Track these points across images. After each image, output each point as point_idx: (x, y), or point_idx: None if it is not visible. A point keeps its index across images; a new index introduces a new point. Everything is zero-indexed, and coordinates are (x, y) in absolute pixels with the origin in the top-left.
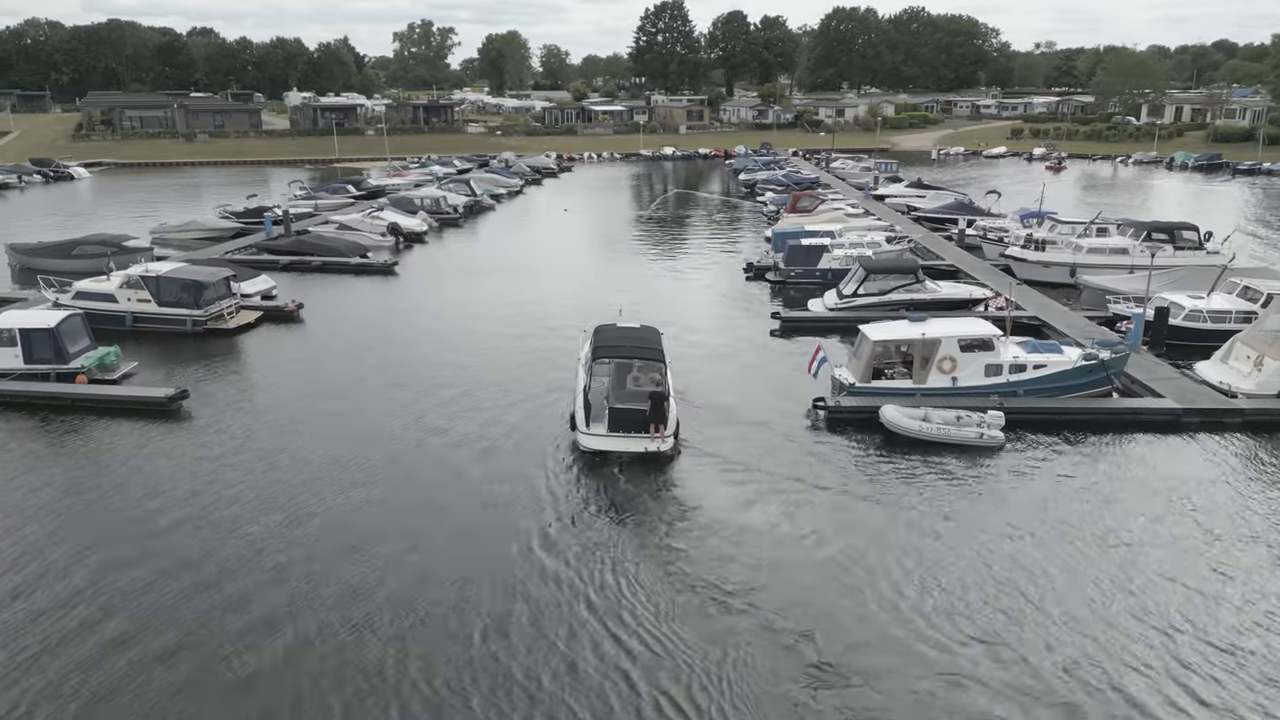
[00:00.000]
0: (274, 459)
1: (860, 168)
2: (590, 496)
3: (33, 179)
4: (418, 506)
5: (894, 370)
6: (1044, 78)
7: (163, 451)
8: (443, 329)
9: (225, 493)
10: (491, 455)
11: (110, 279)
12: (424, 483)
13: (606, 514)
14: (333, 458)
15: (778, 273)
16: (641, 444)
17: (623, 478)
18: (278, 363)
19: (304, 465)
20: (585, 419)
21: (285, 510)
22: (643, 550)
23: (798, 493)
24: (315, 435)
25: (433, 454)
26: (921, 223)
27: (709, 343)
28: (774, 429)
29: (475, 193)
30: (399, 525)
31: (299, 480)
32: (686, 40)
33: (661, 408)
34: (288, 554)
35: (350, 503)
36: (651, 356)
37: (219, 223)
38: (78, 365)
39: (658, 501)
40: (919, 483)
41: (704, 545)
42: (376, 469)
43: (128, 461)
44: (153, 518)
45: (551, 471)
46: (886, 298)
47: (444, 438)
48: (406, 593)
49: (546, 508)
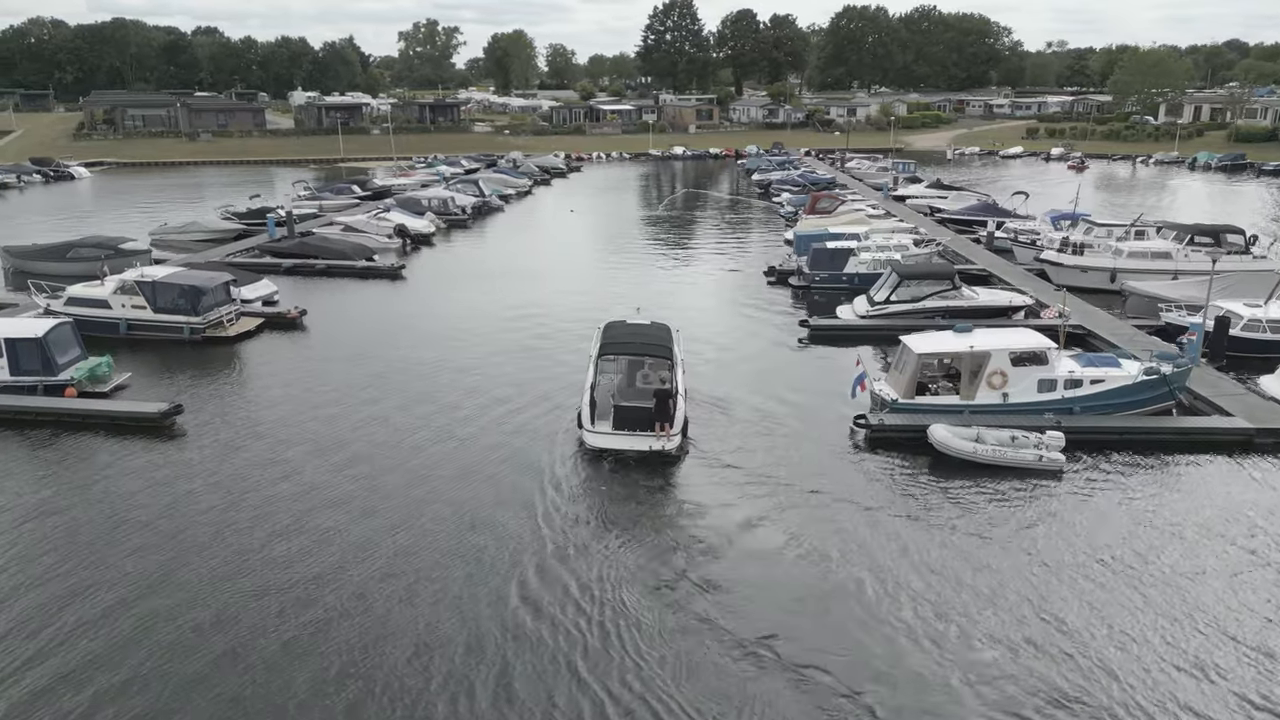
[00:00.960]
0: (272, 485)
1: (877, 168)
2: (607, 518)
3: (32, 179)
4: (424, 532)
5: (938, 385)
6: (1056, 77)
7: (148, 473)
8: (452, 336)
9: (212, 521)
10: (505, 481)
11: (104, 284)
12: (431, 506)
13: (627, 537)
14: (336, 483)
15: (802, 277)
16: (647, 443)
17: (641, 491)
18: (279, 374)
19: (305, 491)
20: (590, 416)
21: (284, 543)
22: (663, 587)
23: (843, 519)
24: (317, 456)
25: (442, 475)
26: (945, 225)
27: (735, 351)
28: (811, 447)
29: (484, 193)
30: (406, 559)
31: (298, 511)
32: (695, 39)
33: (667, 406)
34: (284, 595)
35: (357, 537)
36: (659, 354)
37: (220, 224)
38: (67, 377)
39: (680, 518)
40: (970, 509)
41: (731, 576)
42: (383, 495)
43: (109, 483)
44: (121, 544)
45: (560, 496)
46: (921, 305)
47: (454, 457)
48: (397, 650)
49: (550, 533)
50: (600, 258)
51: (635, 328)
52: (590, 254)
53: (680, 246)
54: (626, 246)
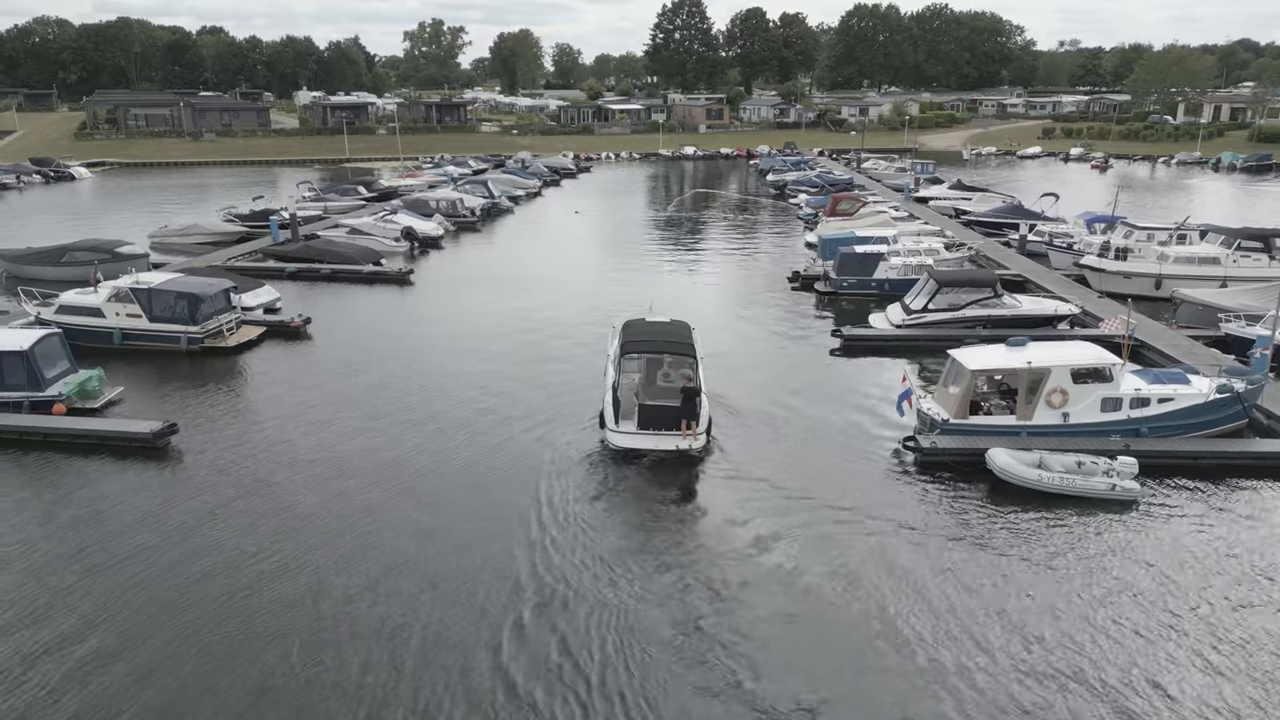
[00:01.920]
0: (270, 516)
1: (895, 168)
2: (627, 545)
3: (32, 179)
4: (434, 571)
5: (990, 403)
6: (1069, 76)
7: (135, 501)
8: (464, 346)
9: (202, 557)
10: (517, 514)
11: (97, 291)
12: (441, 536)
13: (651, 565)
14: (340, 512)
15: (829, 283)
16: (672, 442)
17: (669, 509)
18: (281, 388)
19: (307, 523)
20: (614, 416)
21: (281, 583)
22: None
23: (892, 553)
24: (321, 481)
25: (455, 503)
26: (972, 227)
27: (763, 361)
28: (852, 468)
29: (493, 195)
30: (416, 601)
31: (300, 547)
32: (704, 37)
33: (693, 403)
34: (277, 647)
35: (362, 576)
36: (682, 351)
37: (222, 226)
38: (54, 393)
39: (709, 544)
40: (1035, 544)
41: (766, 619)
42: (391, 526)
43: (93, 513)
44: (99, 586)
45: (578, 517)
46: (960, 313)
47: (468, 481)
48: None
49: (563, 567)
50: (615, 261)
51: (655, 325)
52: (604, 257)
53: (697, 249)
54: (641, 249)
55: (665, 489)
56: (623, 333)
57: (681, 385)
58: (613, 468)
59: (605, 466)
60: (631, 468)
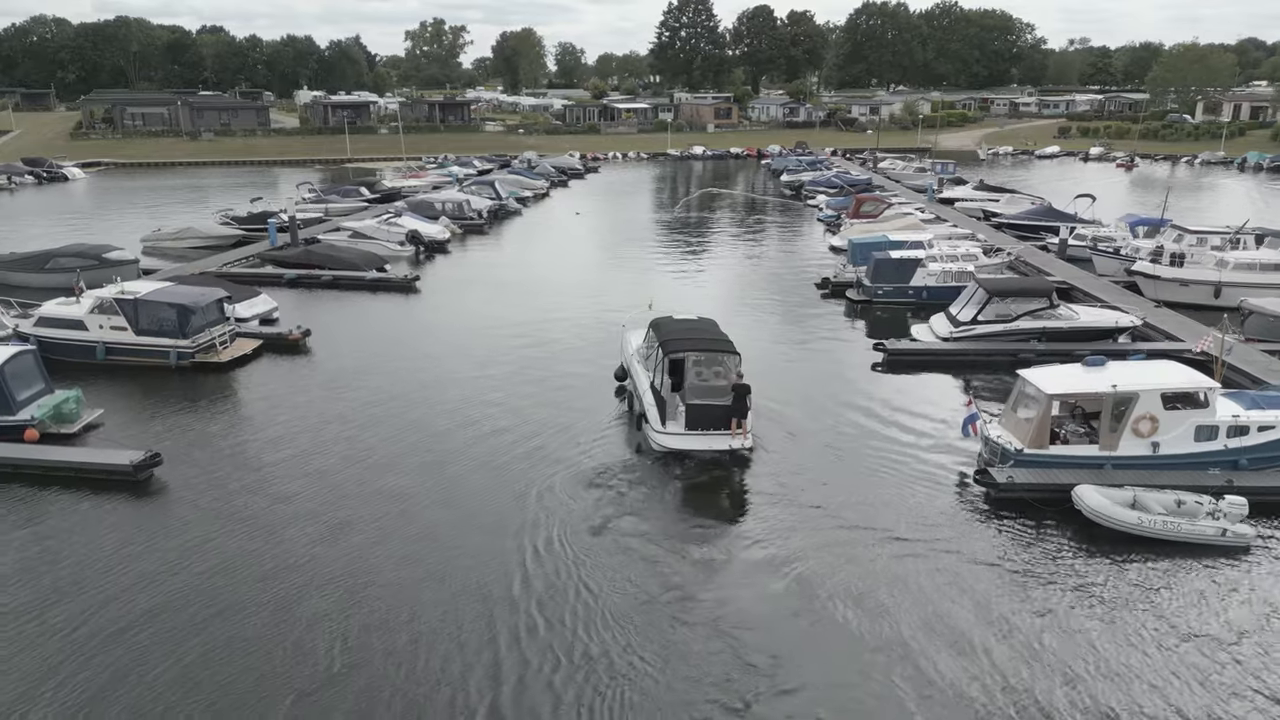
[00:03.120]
0: (261, 561)
1: (914, 168)
2: (679, 595)
3: (24, 180)
4: (449, 626)
5: (1066, 430)
6: (1079, 75)
7: (109, 546)
8: (474, 360)
9: (178, 612)
10: (548, 552)
11: (80, 301)
12: (451, 582)
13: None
14: (340, 558)
15: (862, 290)
16: (723, 441)
17: (712, 535)
18: (277, 410)
19: (310, 580)
20: (660, 417)
21: (265, 650)
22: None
23: (959, 612)
24: (317, 521)
25: (466, 543)
26: (1002, 230)
27: (799, 376)
28: (918, 502)
29: (500, 196)
30: (426, 660)
31: (290, 591)
32: (711, 35)
33: (744, 401)
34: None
35: (378, 644)
36: (727, 349)
37: (218, 229)
38: (26, 417)
39: (761, 582)
40: (1146, 597)
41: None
42: (393, 574)
43: (58, 558)
44: (53, 652)
45: (617, 547)
46: (1013, 325)
47: (481, 514)
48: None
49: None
50: (628, 265)
51: (688, 323)
52: (617, 261)
53: (714, 252)
54: (656, 252)
55: (706, 521)
56: (656, 331)
57: (732, 383)
58: (647, 485)
59: (637, 485)
60: (668, 487)
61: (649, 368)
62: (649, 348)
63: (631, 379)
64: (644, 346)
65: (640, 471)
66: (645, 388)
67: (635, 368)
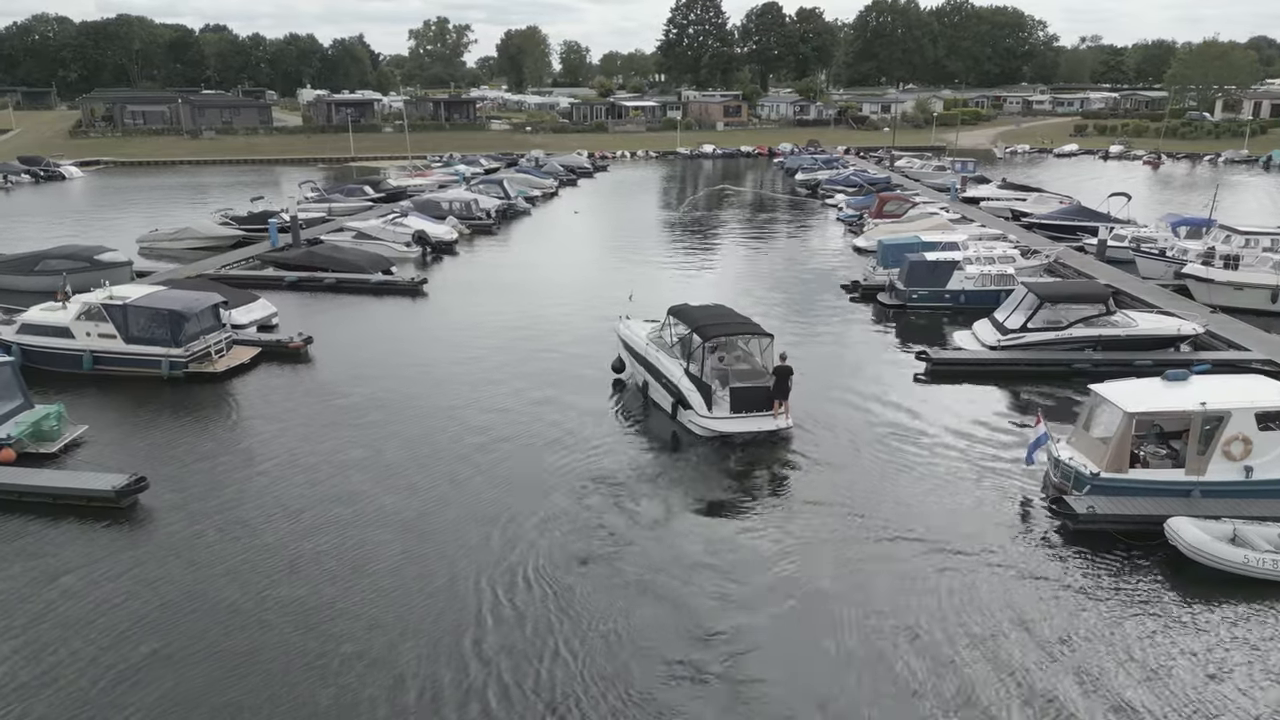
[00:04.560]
0: (255, 603)
1: (933, 166)
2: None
3: (20, 179)
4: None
5: (1146, 451)
6: (1090, 73)
7: (86, 585)
8: (485, 368)
9: (163, 662)
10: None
11: (66, 306)
12: (471, 628)
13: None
14: (345, 597)
15: (894, 294)
16: (767, 423)
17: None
18: (276, 426)
19: (305, 626)
20: (706, 402)
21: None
22: None
23: (1036, 662)
24: (320, 556)
25: (509, 580)
26: (1033, 230)
27: (836, 389)
28: (983, 531)
29: (509, 195)
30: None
31: (288, 641)
32: (719, 33)
33: (786, 382)
34: None
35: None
36: (760, 331)
37: (217, 229)
38: (3, 435)
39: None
40: (1261, 647)
41: None
42: (401, 620)
43: (26, 592)
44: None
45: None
46: (1066, 333)
47: (500, 542)
48: None
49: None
50: (644, 266)
51: (709, 309)
52: (632, 263)
53: (732, 253)
54: (672, 252)
55: (750, 545)
56: (682, 319)
57: (775, 365)
58: (690, 486)
59: (674, 491)
60: (710, 484)
61: (678, 355)
62: (675, 335)
63: (645, 370)
64: (662, 335)
65: (684, 466)
66: (679, 374)
67: (657, 357)
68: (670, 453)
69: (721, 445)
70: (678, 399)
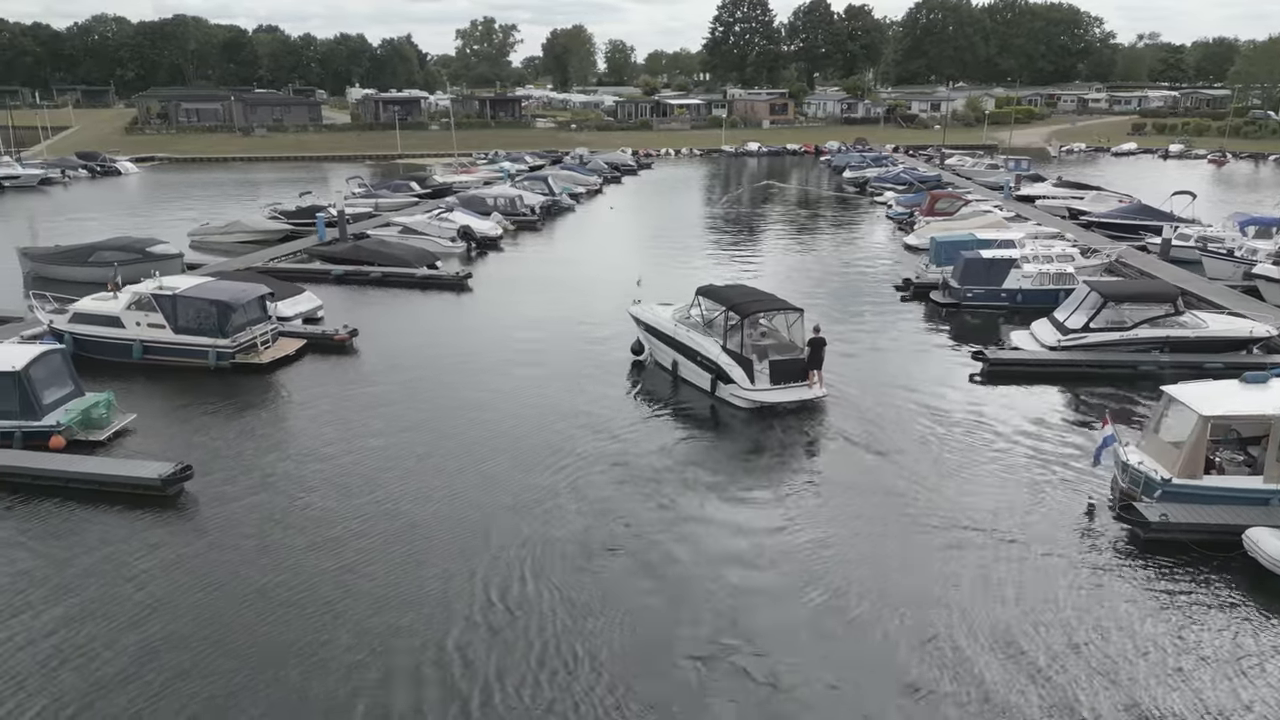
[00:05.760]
0: (294, 595)
1: (985, 165)
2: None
3: (78, 174)
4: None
5: (1222, 457)
6: (1148, 71)
7: (126, 568)
8: (530, 361)
9: (200, 655)
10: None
11: (117, 297)
12: (524, 616)
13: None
14: (392, 591)
15: (949, 293)
16: (804, 392)
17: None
18: (321, 418)
19: (347, 618)
20: (748, 374)
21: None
22: None
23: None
24: (367, 551)
25: (531, 576)
26: (1092, 229)
27: (889, 390)
28: (1053, 537)
29: (554, 192)
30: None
31: (334, 667)
32: (766, 31)
33: (820, 354)
34: None
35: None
36: (790, 306)
37: (266, 224)
38: (52, 422)
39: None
40: None
41: None
42: (449, 613)
43: (66, 583)
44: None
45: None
46: (1131, 334)
47: (544, 540)
48: None
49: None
50: (688, 262)
51: (737, 288)
52: (676, 259)
53: (780, 250)
54: (717, 249)
55: (812, 539)
56: (714, 298)
57: (810, 337)
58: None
59: (728, 480)
60: (764, 474)
61: (712, 333)
62: (706, 314)
63: (674, 349)
64: (692, 314)
65: (730, 450)
66: (717, 351)
67: (690, 336)
68: (712, 430)
69: (761, 414)
70: (717, 374)
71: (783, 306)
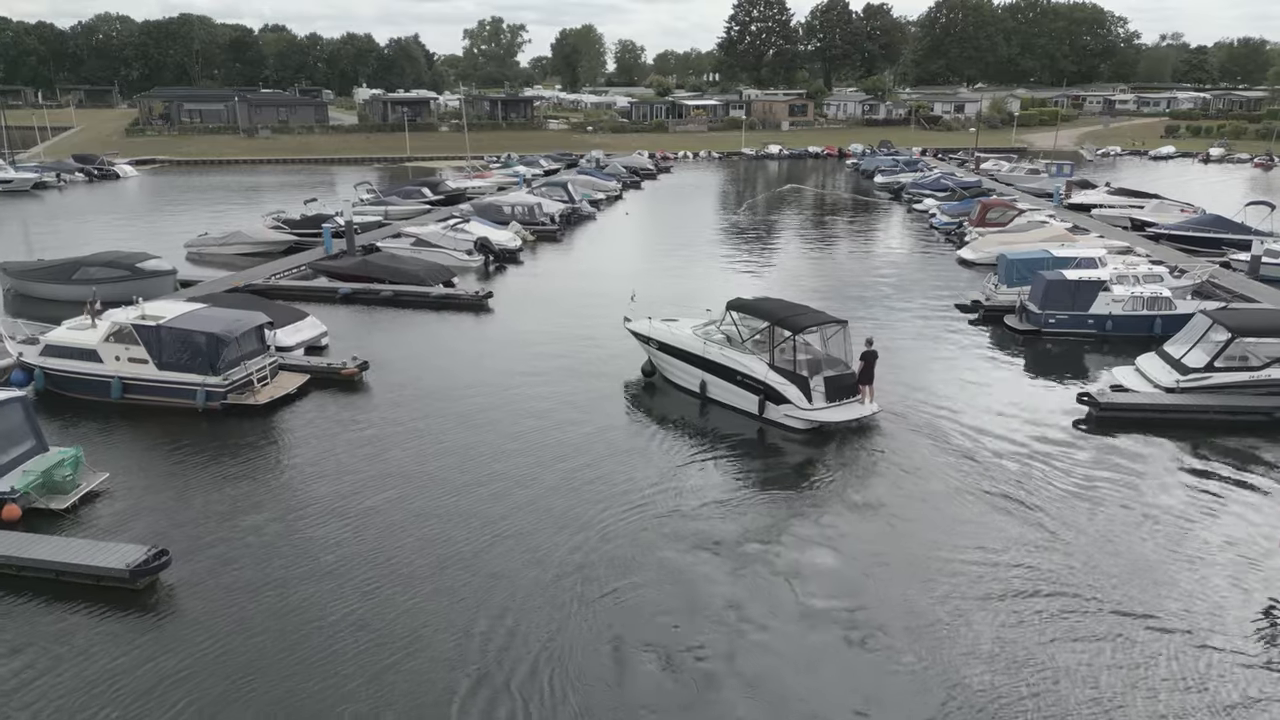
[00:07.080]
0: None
1: (1025, 169)
2: None
3: (74, 177)
4: None
5: None
6: (1172, 72)
7: (78, 692)
8: (557, 395)
9: None
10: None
11: (95, 324)
12: None
13: None
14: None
15: (1026, 317)
16: (858, 409)
17: None
18: (326, 471)
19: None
20: (804, 394)
21: None
22: None
23: None
24: (384, 661)
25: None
26: (1161, 242)
27: (976, 437)
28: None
29: (574, 198)
30: None
31: None
32: (783, 30)
33: (872, 368)
34: None
35: None
36: (833, 320)
37: (269, 234)
38: (7, 488)
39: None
40: None
41: None
42: None
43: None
44: None
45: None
46: (1263, 374)
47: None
48: None
49: None
50: (720, 274)
51: (775, 302)
52: (706, 270)
53: (819, 263)
54: (750, 260)
55: (955, 609)
56: (753, 313)
57: (863, 350)
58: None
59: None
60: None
61: (752, 350)
62: (742, 330)
63: (702, 368)
64: (723, 330)
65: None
66: (763, 370)
67: (726, 354)
68: (763, 458)
69: (817, 435)
70: (765, 394)
71: (829, 320)
